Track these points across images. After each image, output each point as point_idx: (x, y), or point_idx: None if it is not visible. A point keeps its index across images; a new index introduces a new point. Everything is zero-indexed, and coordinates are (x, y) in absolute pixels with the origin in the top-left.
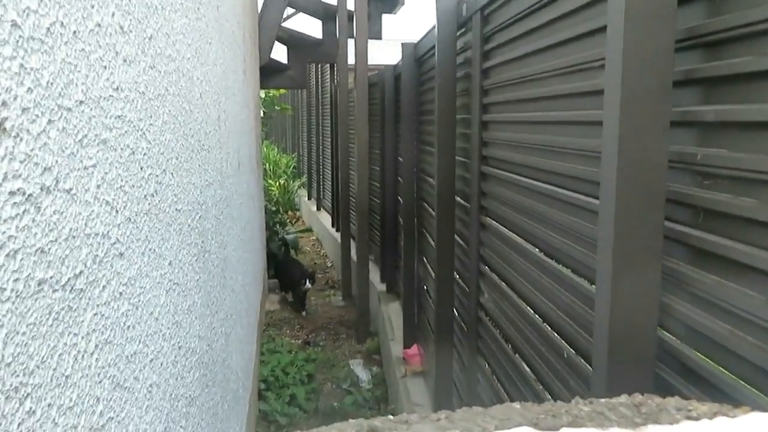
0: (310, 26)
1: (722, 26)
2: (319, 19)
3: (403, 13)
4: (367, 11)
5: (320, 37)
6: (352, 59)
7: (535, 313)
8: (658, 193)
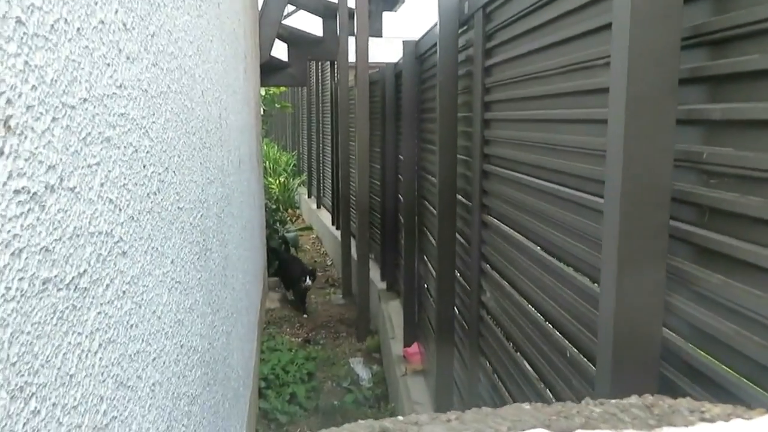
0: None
1: (728, 24)
2: (319, 16)
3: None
4: (368, 9)
5: (321, 34)
6: (352, 57)
7: (537, 311)
8: (663, 191)
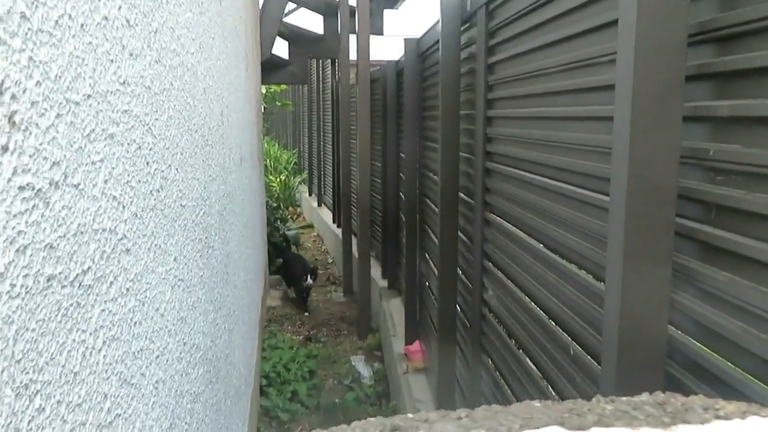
0: (311, 21)
1: (735, 20)
2: (320, 14)
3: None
4: (369, 6)
5: (322, 32)
6: (353, 55)
7: (540, 309)
8: (669, 189)
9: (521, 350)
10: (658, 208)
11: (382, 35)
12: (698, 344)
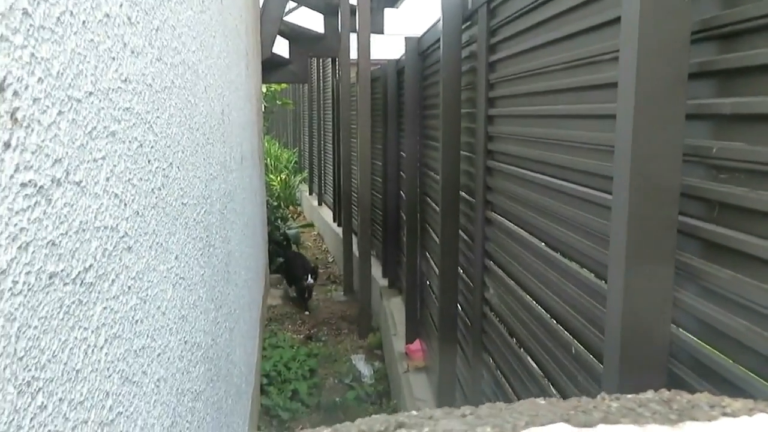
0: (312, 20)
1: (738, 18)
2: (321, 13)
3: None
4: (369, 5)
5: (322, 31)
6: (354, 54)
7: (541, 308)
8: (672, 187)
9: (522, 349)
10: (660, 206)
11: (382, 34)
12: (701, 343)
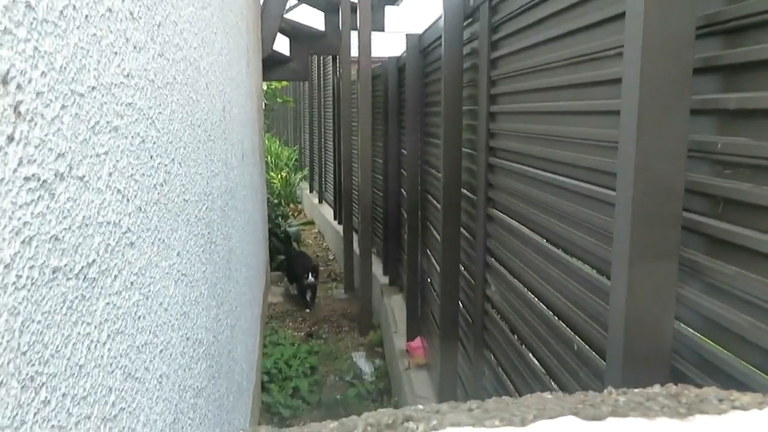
0: (312, 18)
1: (743, 12)
2: (321, 10)
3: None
4: (370, 2)
5: (323, 28)
6: (355, 51)
7: (543, 304)
8: (676, 183)
9: (524, 346)
10: (665, 202)
11: (383, 31)
12: (705, 339)
